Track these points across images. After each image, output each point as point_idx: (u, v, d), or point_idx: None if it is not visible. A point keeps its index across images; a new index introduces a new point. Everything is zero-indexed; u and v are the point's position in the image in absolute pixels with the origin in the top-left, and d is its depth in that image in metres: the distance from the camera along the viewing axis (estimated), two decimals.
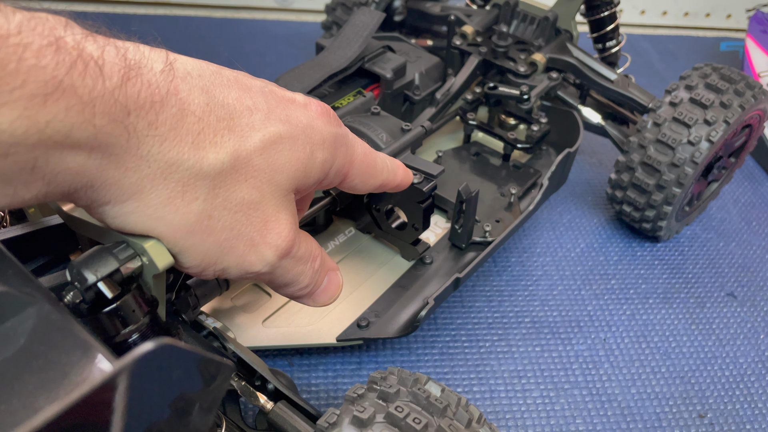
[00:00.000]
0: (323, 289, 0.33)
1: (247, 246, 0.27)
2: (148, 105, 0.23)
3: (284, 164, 0.27)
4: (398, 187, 0.37)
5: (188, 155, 0.24)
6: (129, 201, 0.24)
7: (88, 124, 0.21)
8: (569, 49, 0.60)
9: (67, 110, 0.21)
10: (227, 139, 0.25)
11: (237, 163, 0.26)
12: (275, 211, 0.28)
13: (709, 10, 1.03)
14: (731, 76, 0.53)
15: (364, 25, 0.52)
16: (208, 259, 0.27)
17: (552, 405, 0.46)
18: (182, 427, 0.22)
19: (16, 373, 0.20)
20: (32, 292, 0.23)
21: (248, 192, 0.26)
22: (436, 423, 0.28)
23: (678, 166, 0.51)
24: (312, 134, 0.29)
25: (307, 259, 0.31)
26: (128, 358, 0.18)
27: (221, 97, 0.26)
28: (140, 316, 0.27)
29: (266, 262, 0.28)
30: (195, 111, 0.25)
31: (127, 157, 0.23)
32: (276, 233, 0.28)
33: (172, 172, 0.24)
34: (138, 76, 0.23)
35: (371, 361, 0.47)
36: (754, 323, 0.54)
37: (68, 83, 0.21)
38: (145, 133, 0.23)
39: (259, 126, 0.27)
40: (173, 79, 0.24)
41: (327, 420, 0.28)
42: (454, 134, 0.62)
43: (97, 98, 0.21)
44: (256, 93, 0.28)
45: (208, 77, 0.26)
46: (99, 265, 0.25)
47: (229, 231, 0.27)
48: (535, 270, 0.57)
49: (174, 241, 0.26)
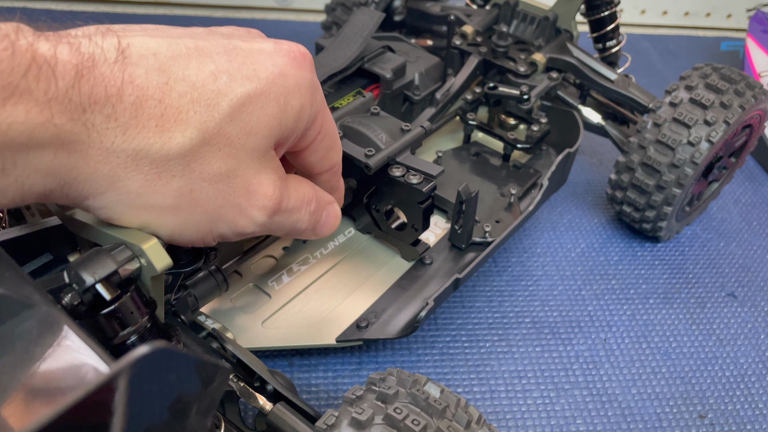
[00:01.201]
0: (322, 224, 0.34)
1: (235, 212, 0.28)
2: (103, 99, 0.23)
3: (257, 125, 0.27)
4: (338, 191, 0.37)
5: (154, 140, 0.24)
6: (108, 192, 0.25)
7: (48, 124, 0.22)
8: (569, 48, 0.60)
9: (27, 113, 0.21)
10: (192, 113, 0.25)
11: (206, 136, 0.25)
12: (255, 174, 0.28)
13: (710, 10, 1.03)
14: (731, 76, 0.53)
15: (364, 25, 0.52)
16: (202, 228, 0.27)
17: (552, 405, 0.46)
18: (180, 429, 0.22)
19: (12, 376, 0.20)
20: (30, 294, 0.23)
21: (224, 161, 0.26)
22: (435, 424, 0.28)
23: (678, 166, 0.51)
24: (283, 83, 0.28)
25: (301, 206, 0.31)
26: (123, 362, 0.18)
27: (180, 71, 0.25)
28: (139, 317, 0.27)
29: (257, 223, 0.29)
30: (153, 95, 0.24)
31: (92, 152, 0.23)
32: (261, 195, 0.28)
33: (142, 158, 0.24)
34: (91, 71, 0.23)
35: (371, 362, 0.47)
36: (755, 323, 0.54)
37: (24, 87, 0.21)
38: (105, 126, 0.23)
39: (224, 90, 0.26)
40: (127, 66, 0.24)
41: (326, 422, 0.28)
42: (454, 134, 0.62)
43: (53, 100, 0.22)
44: (219, 54, 0.27)
45: (164, 52, 0.25)
46: (97, 267, 0.25)
47: (214, 201, 0.27)
48: (536, 270, 0.57)
49: (165, 221, 0.26)
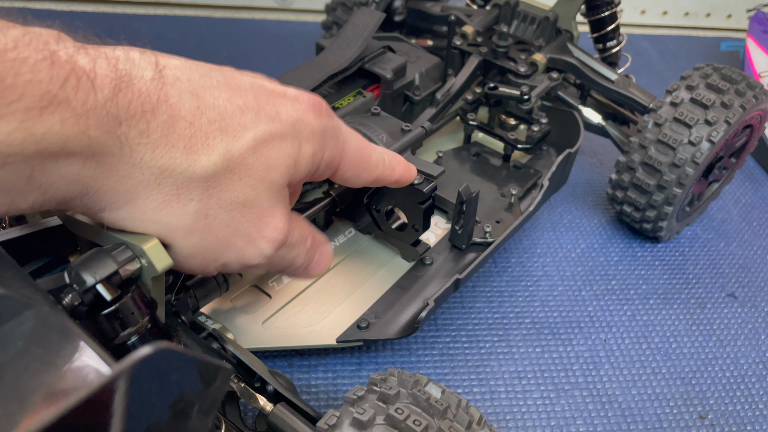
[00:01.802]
0: (315, 263, 0.34)
1: (245, 241, 0.28)
2: (139, 114, 0.23)
3: (276, 161, 0.28)
4: (397, 182, 0.37)
5: (180, 160, 0.25)
6: (124, 207, 0.25)
7: (82, 136, 0.22)
8: (570, 49, 0.60)
9: (63, 123, 0.21)
10: (219, 141, 0.26)
11: (230, 164, 0.26)
12: (270, 206, 0.28)
13: (710, 10, 1.03)
14: (732, 77, 0.53)
15: (364, 25, 0.52)
16: (209, 256, 0.28)
17: (552, 406, 0.46)
18: (181, 429, 0.22)
19: (13, 376, 0.20)
20: (30, 295, 0.23)
21: (243, 191, 0.27)
22: (436, 425, 0.28)
23: (679, 166, 0.51)
24: (301, 128, 0.29)
25: (301, 242, 0.31)
26: (125, 362, 0.18)
27: (211, 99, 0.26)
28: (139, 318, 0.27)
29: (264, 255, 0.29)
30: (185, 116, 0.25)
31: (121, 166, 0.24)
32: (272, 227, 0.29)
33: (165, 178, 0.25)
34: (129, 87, 0.23)
35: (371, 362, 0.47)
36: (755, 324, 0.54)
37: (62, 97, 0.21)
38: (137, 141, 0.24)
39: (250, 125, 0.27)
40: (163, 86, 0.25)
41: (327, 422, 0.28)
42: (455, 135, 0.61)
43: (90, 111, 0.22)
44: (246, 91, 0.28)
45: (197, 81, 0.26)
46: (98, 268, 0.25)
47: (227, 228, 0.27)
48: (536, 271, 0.57)
49: (174, 243, 0.27)
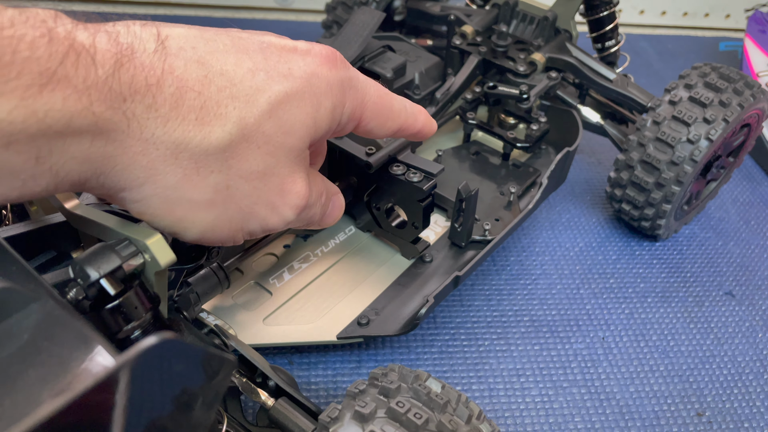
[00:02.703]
0: (328, 214, 0.34)
1: (267, 209, 0.28)
2: (143, 89, 0.23)
3: (294, 124, 0.27)
4: (420, 132, 0.35)
5: (194, 132, 0.24)
6: (145, 185, 0.24)
7: (86, 112, 0.21)
8: (568, 48, 0.60)
9: (64, 99, 0.21)
10: (231, 108, 0.25)
11: (246, 132, 0.25)
12: (290, 173, 0.28)
13: (708, 10, 1.04)
14: (730, 75, 0.53)
15: (365, 24, 0.52)
16: (234, 226, 0.28)
17: (551, 403, 0.46)
18: (184, 422, 0.22)
19: (19, 368, 0.20)
20: (35, 289, 0.23)
21: (262, 159, 0.26)
22: (436, 418, 0.28)
23: (677, 164, 0.51)
24: (317, 83, 0.28)
25: (318, 199, 0.31)
26: (131, 352, 0.18)
27: (219, 65, 0.25)
28: (142, 312, 0.27)
29: (287, 220, 0.29)
30: (193, 86, 0.24)
31: (132, 142, 0.23)
32: (294, 193, 0.28)
33: (182, 151, 0.24)
34: (131, 61, 0.23)
35: (370, 360, 0.47)
36: (753, 322, 0.55)
37: (62, 74, 0.21)
38: (145, 116, 0.23)
39: (263, 87, 0.26)
40: (167, 57, 0.24)
41: (329, 414, 0.28)
42: (454, 133, 0.62)
43: (92, 87, 0.21)
44: (255, 52, 0.27)
45: (202, 48, 0.25)
46: (101, 262, 0.26)
47: (249, 198, 0.27)
48: (534, 269, 0.57)
49: (199, 217, 0.26)
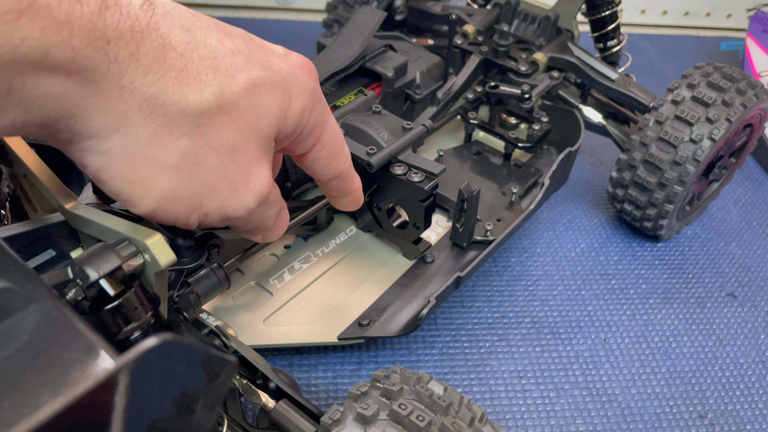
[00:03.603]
0: (274, 226, 0.32)
1: (230, 190, 0.27)
2: (128, 35, 0.22)
3: (267, 109, 0.27)
4: (351, 195, 0.35)
5: (172, 90, 0.24)
6: (115, 134, 0.23)
7: (65, 45, 0.21)
8: (570, 48, 0.60)
9: (43, 29, 0.20)
10: (212, 78, 0.25)
11: (222, 104, 0.25)
12: (257, 157, 0.27)
13: (710, 10, 1.04)
14: (733, 75, 0.53)
15: (366, 23, 0.52)
16: (194, 201, 0.26)
17: (552, 405, 0.46)
18: (185, 424, 0.22)
19: (18, 369, 0.20)
20: (35, 289, 0.23)
21: (234, 135, 0.26)
22: (439, 421, 0.28)
23: (680, 164, 0.51)
24: (292, 83, 0.28)
25: (275, 202, 0.31)
26: (131, 354, 0.18)
27: (203, 37, 0.25)
28: (142, 313, 0.27)
29: (246, 208, 0.28)
30: (177, 47, 0.24)
31: (109, 87, 0.22)
32: (258, 179, 0.28)
33: (158, 107, 0.24)
34: (117, 6, 0.22)
35: (371, 361, 0.47)
36: (755, 323, 0.54)
37: (43, 3, 0.20)
38: (127, 62, 0.22)
39: (242, 68, 0.26)
40: (153, 14, 0.24)
41: (331, 417, 0.28)
42: (456, 133, 0.62)
43: (75, 20, 0.21)
44: (237, 37, 0.27)
45: (188, 18, 0.25)
46: (101, 263, 0.25)
47: (215, 172, 0.26)
48: (535, 270, 0.57)
49: (162, 182, 0.25)
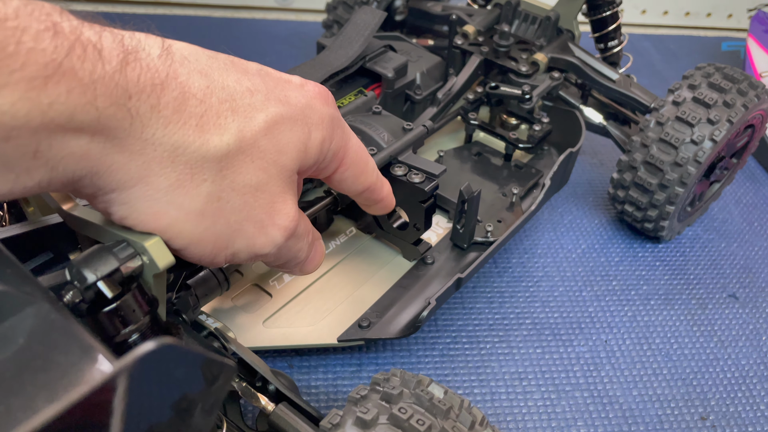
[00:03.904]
0: (311, 259, 0.33)
1: (256, 228, 0.28)
2: (149, 88, 0.23)
3: (287, 145, 0.27)
4: (382, 202, 0.36)
5: (193, 138, 0.24)
6: (137, 186, 0.24)
7: (90, 107, 0.21)
8: (571, 48, 0.60)
9: (69, 92, 0.21)
10: (231, 121, 0.26)
11: (242, 145, 0.26)
12: (281, 192, 0.28)
13: (711, 10, 1.03)
14: (734, 76, 0.53)
15: (366, 24, 0.51)
16: (220, 243, 0.27)
17: (553, 407, 0.46)
18: (184, 428, 0.21)
19: (15, 373, 0.20)
20: (31, 292, 0.23)
21: (255, 174, 0.27)
22: (439, 425, 0.28)
23: (681, 165, 0.51)
24: (310, 114, 0.29)
25: (305, 234, 0.31)
26: (129, 358, 0.18)
27: (220, 79, 0.26)
28: (140, 315, 0.27)
29: (275, 243, 0.29)
30: (196, 94, 0.25)
31: (132, 141, 0.23)
32: (284, 214, 0.28)
33: (179, 155, 0.24)
34: (137, 61, 0.23)
35: (371, 363, 0.47)
36: (756, 325, 0.54)
37: (68, 66, 0.21)
38: (149, 116, 0.23)
39: (260, 107, 0.27)
40: (171, 63, 0.24)
41: (330, 421, 0.28)
42: (456, 134, 0.61)
43: (98, 81, 0.21)
44: (254, 75, 0.28)
45: (204, 61, 0.26)
46: (99, 265, 0.25)
47: (239, 213, 0.27)
48: (536, 271, 0.56)
49: (186, 228, 0.26)
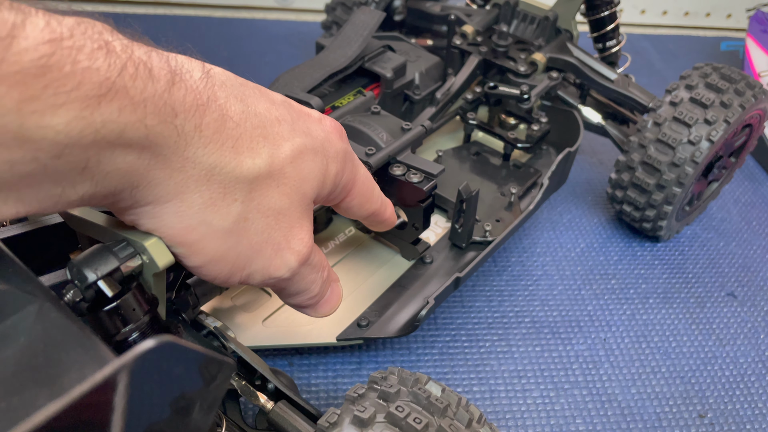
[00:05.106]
0: (326, 300, 0.34)
1: (273, 250, 0.29)
2: (193, 108, 0.24)
3: (309, 174, 0.29)
4: (384, 222, 0.38)
5: (229, 158, 0.25)
6: (172, 201, 0.25)
7: (140, 124, 0.22)
8: (569, 48, 0.60)
9: (120, 110, 0.21)
10: (262, 146, 0.27)
11: (272, 170, 0.27)
12: (299, 218, 0.29)
13: (709, 10, 1.03)
14: (731, 76, 0.53)
15: (364, 24, 0.52)
16: (239, 263, 0.28)
17: (552, 405, 0.46)
18: (183, 426, 0.22)
19: (16, 371, 0.20)
20: (32, 291, 0.23)
21: (280, 198, 0.28)
22: (436, 423, 0.28)
23: (678, 165, 0.51)
24: (328, 147, 0.30)
25: (320, 267, 0.32)
26: (129, 355, 0.18)
27: (253, 106, 0.27)
28: (140, 314, 0.27)
29: (289, 267, 0.29)
30: (233, 117, 0.26)
31: (174, 158, 0.24)
32: (299, 239, 0.29)
33: (215, 174, 0.25)
34: (182, 81, 0.24)
35: (371, 361, 0.47)
36: (755, 323, 0.54)
37: (120, 84, 0.21)
38: (192, 135, 0.24)
39: (288, 136, 0.28)
40: (212, 86, 0.25)
41: (328, 420, 0.28)
42: (455, 134, 0.62)
43: (148, 99, 0.22)
44: (280, 105, 0.29)
45: (238, 88, 0.27)
46: (99, 264, 0.25)
47: (260, 234, 0.28)
48: (535, 270, 0.57)
49: (211, 246, 0.26)
